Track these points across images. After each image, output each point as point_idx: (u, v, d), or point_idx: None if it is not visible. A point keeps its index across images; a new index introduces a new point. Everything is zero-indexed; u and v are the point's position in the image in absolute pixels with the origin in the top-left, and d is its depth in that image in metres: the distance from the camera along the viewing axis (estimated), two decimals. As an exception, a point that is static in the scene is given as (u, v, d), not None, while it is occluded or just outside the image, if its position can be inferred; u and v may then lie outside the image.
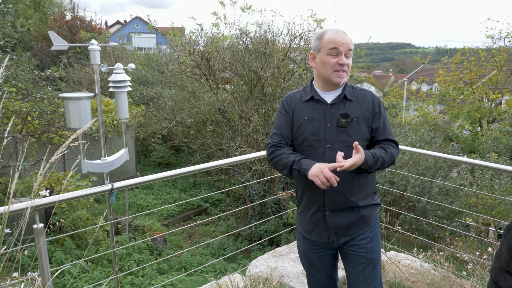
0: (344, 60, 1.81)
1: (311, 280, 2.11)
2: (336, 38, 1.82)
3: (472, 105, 14.08)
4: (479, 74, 14.69)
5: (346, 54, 1.82)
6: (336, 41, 1.82)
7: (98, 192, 1.96)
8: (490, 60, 14.55)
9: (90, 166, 1.90)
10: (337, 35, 1.84)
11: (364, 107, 1.86)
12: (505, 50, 14.59)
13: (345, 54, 1.82)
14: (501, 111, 13.96)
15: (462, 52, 15.30)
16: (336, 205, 1.86)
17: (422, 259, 3.34)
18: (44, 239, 1.84)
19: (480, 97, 14.35)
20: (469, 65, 14.44)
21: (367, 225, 1.92)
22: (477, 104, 14.07)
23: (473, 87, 14.44)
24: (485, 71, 15.39)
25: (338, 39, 1.82)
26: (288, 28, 8.09)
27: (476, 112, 14.10)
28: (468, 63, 14.55)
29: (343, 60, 1.80)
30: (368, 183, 1.91)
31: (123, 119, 2.01)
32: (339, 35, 1.84)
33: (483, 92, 14.35)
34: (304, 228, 1.99)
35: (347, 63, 1.82)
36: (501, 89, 14.57)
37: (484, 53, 14.82)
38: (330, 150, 1.82)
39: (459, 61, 15.04)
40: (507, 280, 1.57)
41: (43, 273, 1.89)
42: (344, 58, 1.81)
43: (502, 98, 14.98)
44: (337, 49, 1.81)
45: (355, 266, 1.94)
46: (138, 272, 6.31)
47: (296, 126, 1.91)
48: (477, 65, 14.52)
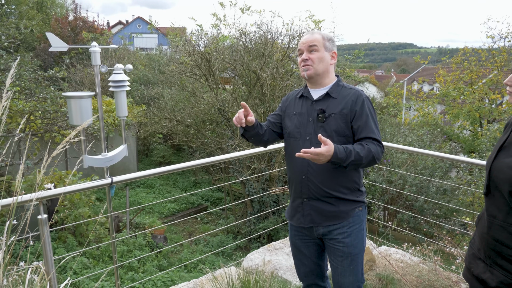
0: (305, 56, 1.99)
1: (298, 265, 2.24)
2: (301, 41, 2.04)
3: (472, 105, 14.16)
4: (479, 74, 14.77)
5: (309, 50, 1.99)
6: (300, 44, 2.03)
7: (99, 185, 2.09)
8: (490, 60, 14.63)
9: (91, 161, 2.02)
10: (303, 38, 2.05)
11: (343, 105, 1.96)
12: (505, 51, 14.68)
13: (307, 51, 1.99)
14: (502, 111, 14.03)
15: (463, 52, 15.38)
16: (312, 193, 1.98)
17: (411, 253, 3.45)
18: (48, 229, 1.96)
19: (480, 97, 14.42)
20: (470, 65, 14.52)
21: (345, 219, 2.01)
22: (477, 104, 14.14)
23: (473, 87, 14.51)
24: (485, 71, 15.46)
25: (302, 41, 2.03)
26: (287, 29, 8.20)
27: (476, 112, 14.17)
28: (468, 63, 14.64)
29: (303, 57, 1.99)
30: (348, 179, 1.99)
31: (122, 117, 2.13)
32: (304, 37, 2.04)
33: (483, 92, 14.42)
34: (288, 214, 2.16)
35: (310, 57, 1.98)
36: (501, 89, 14.64)
37: (485, 53, 14.89)
38: (308, 142, 1.96)
39: (459, 61, 15.12)
40: (479, 266, 1.68)
41: (47, 261, 2.01)
42: (305, 55, 1.99)
43: (502, 98, 15.05)
44: (300, 50, 2.02)
45: (334, 259, 2.06)
46: (138, 268, 6.44)
47: (287, 119, 2.10)
48: (477, 65, 14.60)
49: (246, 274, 2.52)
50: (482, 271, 1.65)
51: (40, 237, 1.98)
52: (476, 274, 1.68)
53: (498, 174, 1.56)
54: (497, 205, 1.58)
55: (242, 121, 1.94)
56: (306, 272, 2.22)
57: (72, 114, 1.89)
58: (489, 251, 1.62)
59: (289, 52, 8.14)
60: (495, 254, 1.58)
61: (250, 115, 1.97)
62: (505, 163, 1.54)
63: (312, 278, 2.24)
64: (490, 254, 1.61)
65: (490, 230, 1.60)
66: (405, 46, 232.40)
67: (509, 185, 1.48)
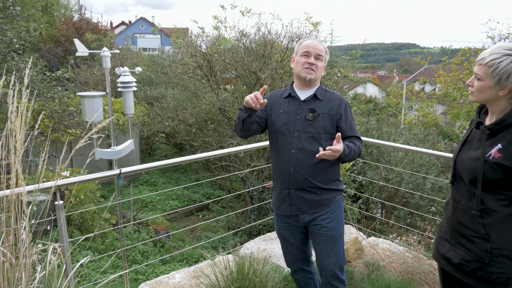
0: (313, 60, 2.19)
1: (286, 254, 2.48)
2: (309, 44, 2.22)
3: (471, 105, 14.32)
4: None
5: (316, 57, 2.20)
6: (309, 46, 2.21)
7: (109, 176, 2.33)
8: (490, 61, 14.77)
9: (102, 154, 2.26)
10: (311, 42, 2.24)
11: (330, 107, 2.22)
12: (505, 51, 14.84)
13: (314, 57, 2.20)
14: None
15: (463, 53, 15.55)
16: (298, 184, 2.21)
17: (397, 243, 3.67)
18: (64, 214, 2.20)
19: None
20: (469, 66, 14.68)
21: (328, 206, 2.26)
22: (477, 104, 14.30)
23: None
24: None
25: (311, 45, 2.22)
26: (286, 31, 8.43)
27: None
28: (469, 64, 14.79)
29: (311, 60, 2.19)
30: (329, 170, 2.24)
31: (129, 114, 2.38)
32: (313, 42, 2.24)
33: None
34: (274, 205, 2.37)
35: (316, 63, 2.20)
36: None
37: None
38: (297, 138, 2.19)
39: (459, 61, 15.29)
40: (445, 246, 1.91)
41: (62, 243, 2.25)
42: (313, 59, 2.19)
43: None
44: (308, 52, 2.20)
45: (319, 243, 2.29)
46: (142, 262, 6.69)
47: (273, 116, 2.29)
48: None
49: (242, 260, 2.75)
50: (447, 250, 1.88)
51: (57, 220, 2.22)
52: (443, 253, 1.91)
53: (461, 165, 1.79)
54: (460, 192, 1.81)
55: (260, 101, 2.04)
56: (293, 258, 2.47)
57: (86, 111, 2.14)
58: (453, 232, 1.85)
59: (289, 53, 8.37)
60: (458, 234, 1.81)
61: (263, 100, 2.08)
62: (466, 155, 1.77)
63: (298, 264, 2.49)
64: (454, 235, 1.84)
65: (454, 213, 1.84)
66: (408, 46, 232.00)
67: (469, 175, 1.72)
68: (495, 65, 1.56)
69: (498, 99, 1.62)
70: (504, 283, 1.67)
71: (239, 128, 2.24)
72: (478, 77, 1.64)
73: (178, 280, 3.07)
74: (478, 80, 1.64)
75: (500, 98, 1.62)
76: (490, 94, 1.62)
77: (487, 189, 1.64)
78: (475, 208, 1.68)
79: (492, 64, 1.57)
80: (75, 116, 7.05)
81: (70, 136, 7.77)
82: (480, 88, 1.64)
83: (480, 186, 1.64)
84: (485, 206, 1.66)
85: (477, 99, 1.69)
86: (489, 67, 1.58)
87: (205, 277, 2.87)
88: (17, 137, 1.56)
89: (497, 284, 1.68)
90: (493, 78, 1.58)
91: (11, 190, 1.69)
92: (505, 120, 1.59)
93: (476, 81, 1.65)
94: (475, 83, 1.66)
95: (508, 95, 1.59)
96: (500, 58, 1.55)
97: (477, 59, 1.65)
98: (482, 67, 1.61)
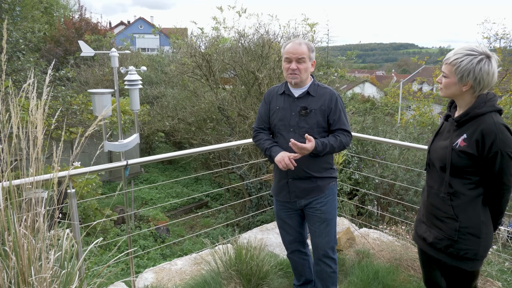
0: (294, 66, 2.33)
1: (283, 234, 2.68)
2: (289, 50, 2.34)
3: None
4: None
5: (298, 61, 2.33)
6: (289, 52, 2.34)
7: (117, 166, 2.53)
8: (486, 61, 15.01)
9: (111, 146, 2.46)
10: (291, 46, 2.35)
11: (322, 102, 2.40)
12: (500, 51, 15.09)
13: (296, 61, 2.33)
14: None
15: None
16: (296, 174, 2.42)
17: (387, 233, 3.88)
18: (75, 201, 2.40)
19: None
20: (464, 66, 14.90)
21: (322, 192, 2.47)
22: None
23: None
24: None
25: (290, 50, 2.33)
26: (283, 31, 8.64)
27: None
28: (463, 64, 15.01)
29: (292, 66, 2.33)
30: (323, 161, 2.45)
31: (135, 110, 2.58)
32: (293, 46, 2.34)
33: None
34: (274, 192, 2.59)
35: (298, 67, 2.33)
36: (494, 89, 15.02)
37: None
38: (292, 133, 2.38)
39: (454, 62, 15.52)
40: (422, 227, 2.12)
41: (74, 228, 2.45)
42: (294, 64, 2.33)
43: None
44: (289, 58, 2.34)
45: (313, 224, 2.51)
46: (143, 256, 6.89)
47: (271, 113, 2.49)
48: None
49: (240, 247, 2.95)
50: (424, 231, 2.09)
51: (69, 208, 2.42)
52: (420, 234, 2.13)
53: (433, 154, 2.00)
54: (433, 178, 2.03)
55: (291, 167, 2.29)
56: (291, 240, 2.68)
57: (96, 106, 2.34)
58: (428, 215, 2.07)
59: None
60: (432, 216, 2.03)
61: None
62: (438, 145, 1.99)
63: (295, 245, 2.69)
64: (429, 217, 2.06)
65: (429, 197, 2.05)
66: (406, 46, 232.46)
67: (440, 162, 1.93)
68: (458, 63, 1.77)
69: (462, 94, 1.83)
70: (472, 258, 1.88)
71: (261, 151, 2.58)
72: (444, 75, 1.85)
73: (180, 267, 3.27)
74: (444, 78, 1.85)
75: (464, 93, 1.83)
76: (455, 90, 1.83)
77: (455, 174, 1.85)
78: (444, 192, 1.89)
79: (455, 63, 1.78)
80: (78, 114, 7.24)
81: (72, 134, 7.96)
82: (446, 84, 1.85)
83: (449, 172, 1.85)
84: (454, 189, 1.87)
85: (445, 94, 1.90)
86: (453, 66, 1.79)
87: (206, 264, 3.07)
88: (38, 128, 1.75)
89: (466, 260, 1.89)
90: (456, 75, 1.79)
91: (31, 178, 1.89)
92: (469, 113, 1.80)
93: (443, 78, 1.86)
94: (443, 80, 1.86)
95: (470, 90, 1.80)
96: (462, 58, 1.76)
97: (444, 58, 1.86)
98: (447, 66, 1.82)
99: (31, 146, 1.92)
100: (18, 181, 1.84)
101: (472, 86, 1.78)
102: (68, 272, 2.01)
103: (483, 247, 1.87)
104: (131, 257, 2.80)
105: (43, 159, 2.71)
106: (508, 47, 15.36)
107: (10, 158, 1.84)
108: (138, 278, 3.08)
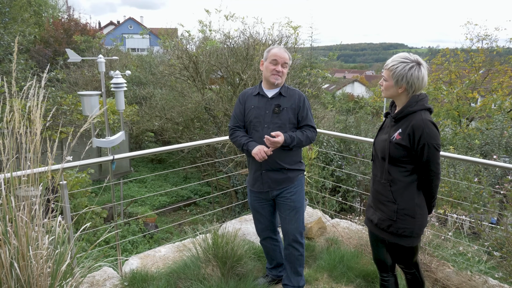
0: (280, 68, 2.70)
1: (257, 224, 3.00)
2: (277, 54, 2.72)
3: (450, 104, 15.03)
4: (458, 74, 15.62)
5: (282, 65, 2.72)
6: (277, 55, 2.71)
7: (103, 161, 2.82)
8: (469, 61, 15.51)
9: (99, 143, 2.75)
10: (278, 51, 2.74)
11: (292, 101, 2.75)
12: (482, 52, 15.59)
13: (281, 65, 2.71)
14: (478, 109, 14.92)
15: (443, 53, 16.27)
16: (269, 166, 2.74)
17: (356, 223, 4.21)
18: (67, 192, 2.68)
19: (458, 96, 15.24)
20: (449, 66, 15.37)
21: (292, 183, 2.80)
22: (456, 104, 15.03)
23: (452, 87, 15.35)
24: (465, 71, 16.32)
25: (278, 54, 2.72)
26: (268, 33, 8.95)
27: (455, 110, 15.04)
28: (448, 64, 15.50)
29: (278, 68, 2.70)
30: (292, 154, 2.78)
31: (120, 110, 2.87)
32: (280, 51, 2.73)
33: (462, 92, 15.26)
34: (250, 183, 2.90)
35: (282, 70, 2.71)
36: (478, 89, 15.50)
37: (463, 54, 15.74)
38: (266, 129, 2.71)
39: (440, 62, 15.99)
40: (370, 211, 2.44)
41: (66, 216, 2.73)
42: (280, 67, 2.71)
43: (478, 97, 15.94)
44: (276, 60, 2.71)
45: (284, 211, 2.83)
46: (132, 251, 7.15)
47: (247, 111, 2.82)
48: (456, 66, 15.46)
49: (217, 235, 3.25)
50: (371, 214, 2.42)
51: (61, 198, 2.70)
52: (368, 216, 2.46)
53: (377, 146, 2.33)
54: (377, 167, 2.35)
55: (266, 157, 2.62)
56: (263, 228, 3.00)
57: (85, 107, 2.62)
58: (374, 200, 2.40)
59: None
60: (377, 200, 2.35)
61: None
62: (380, 138, 2.32)
63: (267, 233, 3.01)
64: (375, 201, 2.39)
65: (374, 184, 2.38)
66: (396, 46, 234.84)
67: (381, 153, 2.26)
68: (394, 69, 2.10)
69: (399, 95, 2.16)
70: (409, 235, 2.21)
71: (237, 146, 2.87)
72: (384, 79, 2.18)
73: (163, 253, 3.56)
74: (385, 81, 2.18)
75: (400, 94, 2.16)
76: (393, 91, 2.16)
77: (392, 163, 2.18)
78: (384, 179, 2.22)
79: (392, 69, 2.11)
80: (68, 115, 7.46)
81: (62, 134, 8.18)
82: (386, 87, 2.18)
83: (387, 161, 2.18)
84: (392, 176, 2.19)
85: (385, 95, 2.22)
86: (390, 71, 2.12)
87: (187, 250, 3.37)
88: (37, 125, 2.04)
89: (404, 237, 2.21)
90: (393, 79, 2.12)
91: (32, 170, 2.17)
92: (403, 111, 2.14)
93: (384, 81, 2.19)
94: (384, 83, 2.19)
95: (405, 92, 2.13)
96: (397, 65, 2.09)
97: (384, 64, 2.19)
98: (386, 71, 2.15)
99: (29, 142, 2.20)
100: (19, 172, 2.11)
101: (406, 88, 2.11)
102: (61, 253, 2.29)
103: (418, 226, 2.20)
104: (118, 243, 3.08)
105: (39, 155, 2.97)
106: (490, 48, 15.93)
107: (9, 154, 2.12)
108: (124, 264, 3.36)
